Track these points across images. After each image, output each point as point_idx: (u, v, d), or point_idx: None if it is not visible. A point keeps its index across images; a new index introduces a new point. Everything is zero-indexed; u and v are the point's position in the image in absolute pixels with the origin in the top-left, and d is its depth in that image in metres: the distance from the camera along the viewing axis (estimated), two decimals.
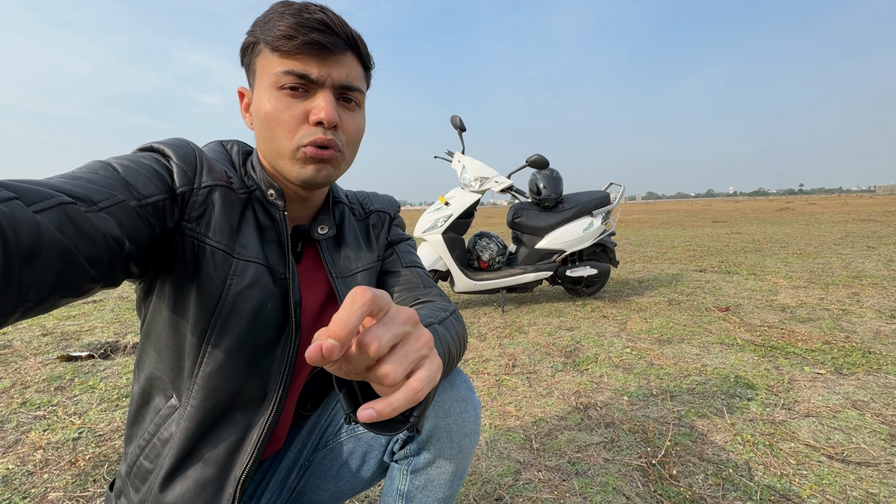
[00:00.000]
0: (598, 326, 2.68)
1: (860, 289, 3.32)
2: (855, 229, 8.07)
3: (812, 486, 1.14)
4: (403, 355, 0.34)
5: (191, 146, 0.55)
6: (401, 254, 0.74)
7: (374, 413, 0.32)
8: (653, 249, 6.33)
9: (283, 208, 0.60)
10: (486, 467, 1.27)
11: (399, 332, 0.34)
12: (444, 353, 0.50)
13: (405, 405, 0.33)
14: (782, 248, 5.92)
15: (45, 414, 1.62)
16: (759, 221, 11.82)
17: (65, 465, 1.30)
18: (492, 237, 3.29)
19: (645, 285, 3.82)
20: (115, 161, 0.48)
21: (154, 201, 0.48)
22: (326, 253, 0.66)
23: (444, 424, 0.61)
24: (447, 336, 0.54)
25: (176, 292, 0.54)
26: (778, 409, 1.56)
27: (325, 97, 0.53)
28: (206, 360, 0.55)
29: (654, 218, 16.52)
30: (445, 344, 0.52)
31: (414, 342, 0.35)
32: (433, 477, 0.64)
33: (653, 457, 1.29)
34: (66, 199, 0.38)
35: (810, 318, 2.64)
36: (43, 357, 2.21)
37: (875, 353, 2.04)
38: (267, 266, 0.58)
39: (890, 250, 5.17)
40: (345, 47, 0.54)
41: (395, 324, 0.34)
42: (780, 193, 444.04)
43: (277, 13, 0.53)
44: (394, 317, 0.35)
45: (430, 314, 0.56)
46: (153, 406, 0.58)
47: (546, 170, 3.27)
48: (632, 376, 1.90)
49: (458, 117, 3.14)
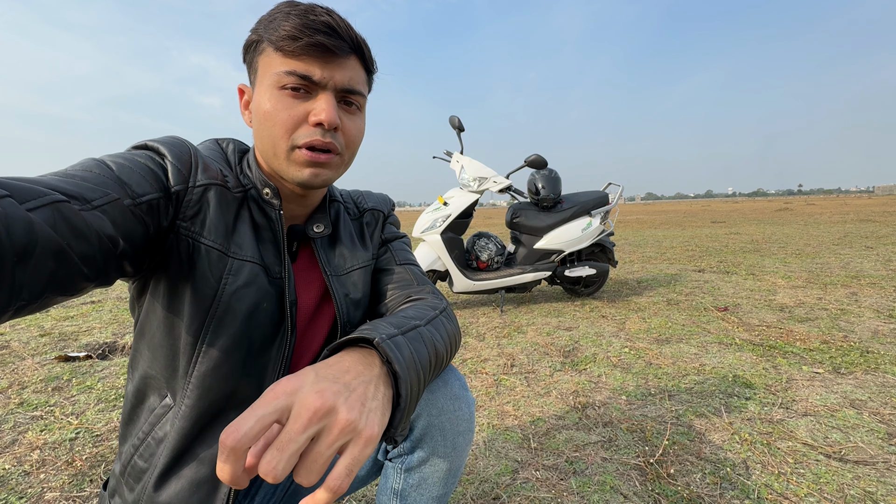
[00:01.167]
0: (596, 326, 2.68)
1: (858, 288, 3.33)
2: (853, 229, 8.08)
3: (810, 485, 1.14)
4: (313, 460, 0.34)
5: (186, 144, 0.55)
6: (395, 251, 0.74)
7: None
8: (651, 250, 6.33)
9: (278, 207, 0.59)
10: (483, 466, 1.27)
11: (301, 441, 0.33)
12: (428, 354, 0.51)
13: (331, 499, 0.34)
14: (781, 248, 5.93)
15: (43, 414, 1.61)
16: (757, 222, 11.83)
17: (62, 465, 1.30)
18: (490, 237, 3.29)
19: (644, 285, 3.82)
20: (109, 159, 0.48)
21: (148, 200, 0.47)
22: (321, 251, 0.66)
23: (438, 423, 0.61)
24: (434, 336, 0.54)
25: (170, 291, 0.54)
26: (776, 408, 1.56)
27: (327, 99, 0.53)
28: (201, 359, 0.55)
29: (653, 218, 16.53)
30: (430, 344, 0.53)
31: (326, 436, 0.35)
32: (427, 475, 0.64)
33: (651, 456, 1.29)
34: (59, 197, 0.38)
35: (808, 318, 2.64)
36: (41, 357, 2.20)
37: (873, 352, 2.04)
38: (262, 265, 0.57)
39: (888, 250, 5.18)
40: (349, 51, 0.54)
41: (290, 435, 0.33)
42: (779, 194, 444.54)
43: (283, 13, 0.52)
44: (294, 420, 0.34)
45: (416, 314, 0.56)
46: (147, 405, 0.58)
47: (544, 170, 3.27)
48: (630, 376, 1.90)
49: (456, 117, 3.14)
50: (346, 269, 0.67)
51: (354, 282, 0.67)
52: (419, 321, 0.54)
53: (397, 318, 0.54)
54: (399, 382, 0.43)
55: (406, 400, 0.44)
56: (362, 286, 0.68)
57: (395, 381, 0.44)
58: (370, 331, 0.47)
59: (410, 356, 0.47)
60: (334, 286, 0.64)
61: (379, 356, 0.45)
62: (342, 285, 0.66)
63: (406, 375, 0.44)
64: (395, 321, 0.52)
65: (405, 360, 0.45)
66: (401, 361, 0.44)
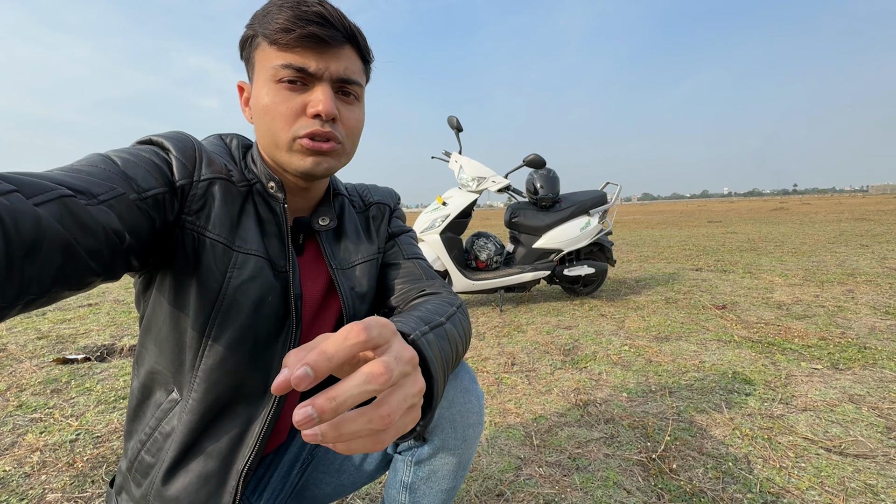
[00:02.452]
0: (596, 325, 2.68)
1: (855, 286, 3.35)
2: (848, 228, 8.14)
3: (811, 479, 1.15)
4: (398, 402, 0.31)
5: (190, 139, 0.55)
6: (402, 245, 0.74)
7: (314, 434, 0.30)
8: (649, 249, 6.35)
9: (283, 201, 0.59)
10: (486, 463, 1.27)
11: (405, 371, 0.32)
12: (451, 352, 0.50)
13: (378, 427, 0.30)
14: (777, 246, 5.96)
15: (42, 416, 1.60)
16: (753, 221, 11.90)
17: (63, 466, 1.29)
18: (489, 237, 3.29)
19: (642, 284, 3.83)
20: (114, 154, 0.48)
21: (154, 194, 0.48)
22: (326, 245, 0.66)
23: (448, 415, 0.61)
24: (455, 333, 0.53)
25: (176, 286, 0.54)
26: (776, 403, 1.57)
27: (324, 90, 0.53)
28: (208, 353, 0.55)
29: (651, 218, 16.59)
30: (453, 342, 0.51)
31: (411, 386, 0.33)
32: (437, 468, 0.64)
33: (653, 451, 1.30)
34: (66, 191, 0.38)
35: (806, 315, 2.66)
36: (38, 360, 2.19)
37: (870, 348, 2.06)
38: (267, 259, 0.57)
39: (883, 248, 5.22)
40: (343, 40, 0.54)
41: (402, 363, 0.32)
42: (775, 193, 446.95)
43: (276, 6, 0.53)
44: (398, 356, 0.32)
45: (437, 310, 0.55)
46: (154, 400, 0.58)
47: (543, 169, 3.28)
48: (630, 373, 1.91)
49: (454, 117, 3.14)
50: (352, 263, 0.67)
51: (360, 275, 0.67)
52: (442, 317, 0.53)
53: (422, 313, 0.52)
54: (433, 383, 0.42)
55: (436, 399, 0.42)
56: (368, 280, 0.68)
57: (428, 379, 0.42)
58: (402, 324, 0.46)
59: (439, 353, 0.46)
60: (339, 280, 0.64)
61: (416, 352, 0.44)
62: (348, 279, 0.66)
63: (437, 375, 0.43)
64: (422, 316, 0.51)
65: (435, 357, 0.44)
66: (433, 360, 0.43)
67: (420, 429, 0.41)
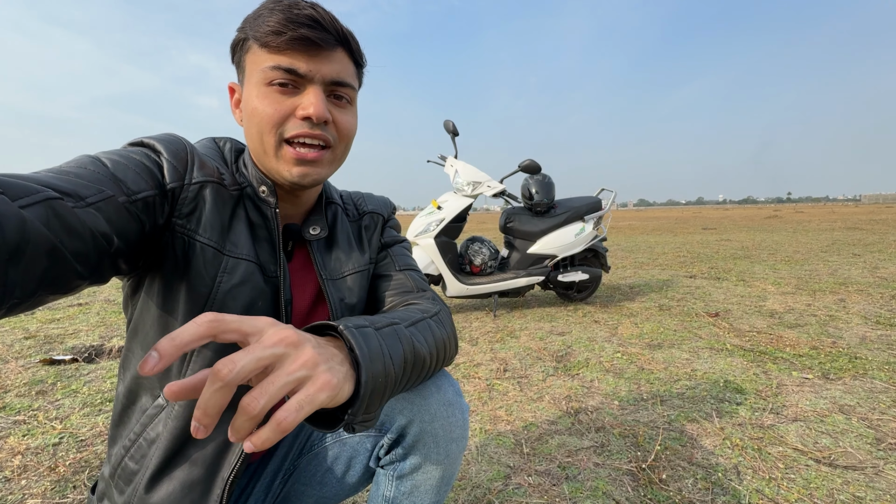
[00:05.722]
0: (589, 331, 2.68)
1: (846, 295, 3.37)
2: (841, 237, 8.20)
3: (800, 490, 1.15)
4: (270, 382, 0.34)
5: (182, 142, 0.54)
6: (395, 256, 0.73)
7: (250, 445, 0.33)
8: (644, 255, 6.37)
9: (274, 205, 0.59)
10: (475, 472, 1.26)
11: (264, 356, 0.34)
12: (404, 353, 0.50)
13: (273, 437, 0.33)
14: (771, 254, 6.00)
15: (25, 419, 1.58)
16: (748, 229, 11.98)
17: (44, 470, 1.27)
18: (484, 242, 3.29)
19: (636, 291, 3.84)
20: (103, 156, 0.47)
21: (144, 197, 0.47)
22: (317, 254, 0.65)
23: (431, 429, 0.60)
24: (414, 337, 0.53)
25: (165, 289, 0.53)
26: (766, 413, 1.57)
27: (315, 93, 0.53)
28: (195, 358, 0.54)
29: (646, 225, 16.67)
30: (409, 344, 0.51)
31: (289, 364, 0.35)
32: (419, 483, 0.63)
33: (643, 461, 1.29)
34: (52, 194, 0.37)
35: (798, 324, 2.67)
36: (25, 361, 2.16)
37: (861, 357, 2.06)
38: (258, 264, 0.57)
39: (875, 257, 5.26)
40: (335, 43, 0.54)
41: (259, 348, 0.34)
42: (769, 201, 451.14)
43: (267, 9, 0.52)
44: (264, 340, 0.35)
45: (401, 315, 0.56)
46: (139, 406, 0.57)
47: (538, 175, 3.28)
48: (622, 381, 1.90)
49: (450, 121, 3.14)
50: (343, 273, 0.66)
51: (350, 286, 0.66)
52: (400, 321, 0.53)
53: (377, 316, 0.53)
54: (360, 369, 0.42)
55: (365, 387, 0.42)
56: (358, 291, 0.67)
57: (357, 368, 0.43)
58: (340, 320, 0.47)
59: (378, 349, 0.46)
60: (329, 290, 0.64)
61: (345, 344, 0.45)
62: (337, 289, 0.65)
63: (368, 364, 0.43)
64: (373, 318, 0.51)
65: (370, 350, 0.44)
66: (363, 349, 0.43)
67: (349, 418, 0.42)
